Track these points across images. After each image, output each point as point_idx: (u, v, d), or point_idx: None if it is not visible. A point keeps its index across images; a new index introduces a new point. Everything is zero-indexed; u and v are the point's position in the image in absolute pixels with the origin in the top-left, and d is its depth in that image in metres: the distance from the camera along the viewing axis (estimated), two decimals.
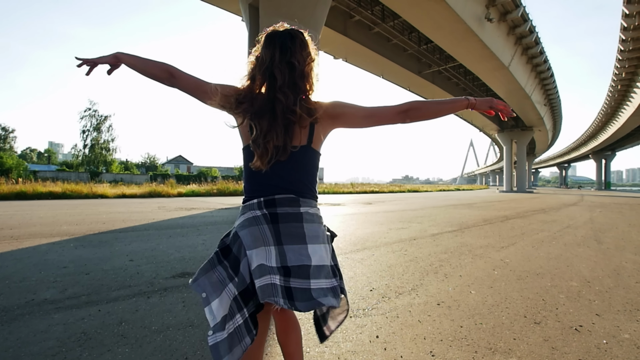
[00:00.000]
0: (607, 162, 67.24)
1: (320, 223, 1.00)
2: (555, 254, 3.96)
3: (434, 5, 16.28)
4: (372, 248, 4.07)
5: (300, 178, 0.98)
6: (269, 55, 0.98)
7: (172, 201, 13.91)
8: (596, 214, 9.48)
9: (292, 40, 0.99)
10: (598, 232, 5.83)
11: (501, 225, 6.59)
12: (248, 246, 0.90)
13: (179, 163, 67.66)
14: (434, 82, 29.16)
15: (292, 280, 0.87)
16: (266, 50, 0.99)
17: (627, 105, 33.23)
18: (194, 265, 3.11)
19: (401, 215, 8.61)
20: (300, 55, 0.99)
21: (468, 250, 4.06)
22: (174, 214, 8.33)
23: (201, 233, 5.15)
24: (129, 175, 43.77)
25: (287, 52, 0.97)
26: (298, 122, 0.96)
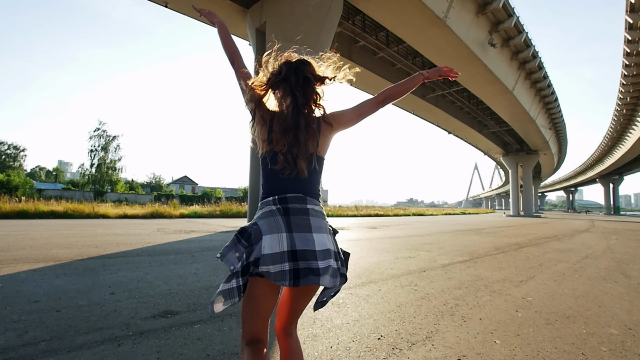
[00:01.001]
0: (615, 186, 66.24)
1: (323, 218, 1.17)
2: (582, 290, 3.57)
3: (438, 31, 16.51)
4: (379, 282, 3.72)
5: (308, 181, 1.17)
6: (286, 76, 1.17)
7: (173, 222, 13.63)
8: (612, 242, 9.01)
9: (305, 64, 1.21)
10: (621, 264, 5.41)
11: (515, 255, 6.18)
12: (265, 232, 1.06)
13: (184, 183, 67.82)
14: (438, 106, 29.29)
15: (300, 263, 1.03)
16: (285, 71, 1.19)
17: (634, 129, 33.02)
18: (179, 302, 2.79)
19: (408, 241, 8.22)
20: (311, 75, 1.20)
21: (484, 285, 3.69)
22: (171, 237, 8.03)
23: (195, 260, 4.83)
24: (134, 195, 43.85)
25: (301, 75, 1.18)
26: (313, 136, 1.17)
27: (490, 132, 38.60)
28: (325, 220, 1.17)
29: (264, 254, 1.02)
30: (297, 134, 1.13)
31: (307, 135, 1.15)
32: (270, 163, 1.16)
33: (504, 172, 76.68)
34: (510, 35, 20.37)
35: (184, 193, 53.11)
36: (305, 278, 1.02)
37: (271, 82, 1.18)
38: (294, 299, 1.16)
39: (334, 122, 1.23)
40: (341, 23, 17.97)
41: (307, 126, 1.16)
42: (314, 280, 1.02)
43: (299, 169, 1.14)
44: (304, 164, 1.14)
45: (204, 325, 2.28)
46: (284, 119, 1.15)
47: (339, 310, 2.68)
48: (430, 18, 15.41)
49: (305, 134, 1.15)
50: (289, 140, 1.13)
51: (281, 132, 1.14)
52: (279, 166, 1.13)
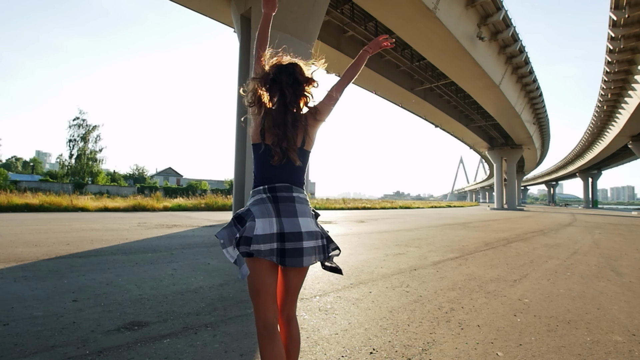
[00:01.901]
0: (593, 180, 68.36)
1: (307, 204, 1.30)
2: (577, 290, 3.46)
3: (427, 22, 16.29)
4: (369, 283, 3.51)
5: (294, 172, 1.29)
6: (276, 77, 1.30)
7: (155, 216, 13.16)
8: (597, 237, 9.12)
9: (294, 66, 1.33)
10: (610, 260, 5.39)
11: (505, 251, 6.11)
12: (257, 216, 1.20)
13: (169, 175, 66.34)
14: (426, 99, 29.27)
15: (287, 244, 1.18)
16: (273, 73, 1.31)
17: (613, 125, 33.86)
18: (150, 311, 2.50)
19: (396, 236, 8.08)
20: (300, 76, 1.32)
21: (478, 285, 3.54)
22: (152, 232, 7.66)
23: (174, 259, 4.53)
24: (116, 187, 42.61)
25: (290, 76, 1.30)
26: (300, 131, 1.29)
27: (477, 126, 38.99)
28: (309, 206, 1.32)
29: (257, 234, 1.16)
30: (285, 130, 1.25)
31: (294, 131, 1.27)
32: (261, 155, 1.29)
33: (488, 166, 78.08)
34: (499, 29, 20.36)
35: (168, 185, 51.98)
36: (291, 259, 1.18)
37: (263, 82, 1.30)
38: (287, 277, 1.30)
39: (318, 116, 1.36)
40: (330, 12, 17.54)
41: (294, 122, 1.28)
42: (298, 262, 1.20)
43: (286, 161, 1.26)
44: (291, 156, 1.26)
45: (174, 340, 2.02)
46: (274, 115, 1.28)
47: (327, 318, 2.46)
48: (420, 9, 15.16)
49: (293, 129, 1.27)
50: (277, 135, 1.25)
51: (271, 127, 1.26)
52: (269, 158, 1.26)
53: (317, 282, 3.45)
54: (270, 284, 1.22)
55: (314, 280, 3.52)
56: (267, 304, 1.20)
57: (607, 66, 23.71)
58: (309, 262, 1.22)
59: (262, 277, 1.20)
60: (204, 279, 3.47)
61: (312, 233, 1.24)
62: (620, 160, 54.82)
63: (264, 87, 1.30)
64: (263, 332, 1.18)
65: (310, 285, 3.31)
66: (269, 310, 1.20)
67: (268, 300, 1.21)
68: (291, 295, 1.31)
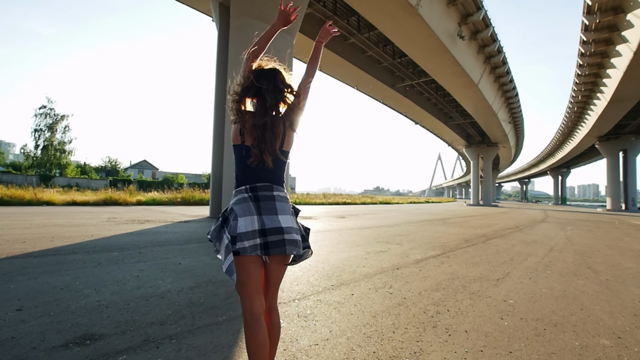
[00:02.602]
0: (563, 178, 71.65)
1: (287, 202, 1.40)
2: (559, 289, 3.44)
3: (410, 19, 16.27)
4: (351, 284, 3.35)
5: (274, 172, 1.37)
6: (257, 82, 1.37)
7: (127, 211, 12.53)
8: (569, 233, 9.41)
9: (276, 72, 1.41)
10: (585, 257, 5.50)
11: (485, 248, 6.13)
12: (239, 214, 1.29)
13: (143, 168, 64.06)
14: (407, 96, 29.50)
15: (269, 237, 1.28)
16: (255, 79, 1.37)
17: (582, 126, 35.42)
18: (107, 320, 2.22)
19: (377, 233, 8.00)
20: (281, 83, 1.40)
21: (462, 285, 3.45)
22: (121, 228, 7.21)
23: (142, 259, 4.20)
24: (86, 180, 40.64)
25: (271, 82, 1.38)
26: (279, 134, 1.36)
27: (455, 124, 39.80)
28: (289, 203, 1.40)
29: (240, 232, 1.25)
30: (264, 133, 1.31)
31: (272, 133, 1.32)
32: (242, 156, 1.34)
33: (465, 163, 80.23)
34: (478, 29, 20.67)
35: (142, 178, 50.13)
36: (275, 249, 1.28)
37: (245, 87, 1.36)
38: (269, 269, 1.38)
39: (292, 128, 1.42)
40: (312, 4, 17.21)
41: (273, 125, 1.33)
42: (281, 250, 1.29)
43: (266, 162, 1.32)
44: (269, 158, 1.32)
45: (131, 357, 1.76)
46: (254, 118, 1.33)
47: (306, 326, 2.27)
48: (403, 5, 15.10)
49: (271, 132, 1.32)
50: (257, 137, 1.30)
51: (251, 130, 1.31)
52: (249, 159, 1.32)
53: (295, 284, 3.25)
54: (255, 275, 1.29)
55: (292, 282, 3.32)
56: (253, 295, 1.27)
57: (578, 69, 24.63)
58: (291, 251, 1.32)
59: (247, 270, 1.28)
60: (172, 281, 3.19)
61: (290, 228, 1.33)
62: (588, 159, 57.66)
63: (245, 91, 1.37)
64: (250, 321, 1.24)
65: (288, 288, 3.11)
66: (254, 301, 1.27)
67: (254, 291, 1.28)
68: (272, 287, 1.40)
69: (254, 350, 1.21)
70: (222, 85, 12.72)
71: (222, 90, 12.61)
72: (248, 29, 11.45)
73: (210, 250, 4.87)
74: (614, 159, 37.60)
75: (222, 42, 12.77)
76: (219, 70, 12.84)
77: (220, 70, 12.78)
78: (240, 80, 1.37)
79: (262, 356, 1.22)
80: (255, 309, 1.26)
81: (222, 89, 12.68)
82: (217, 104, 12.76)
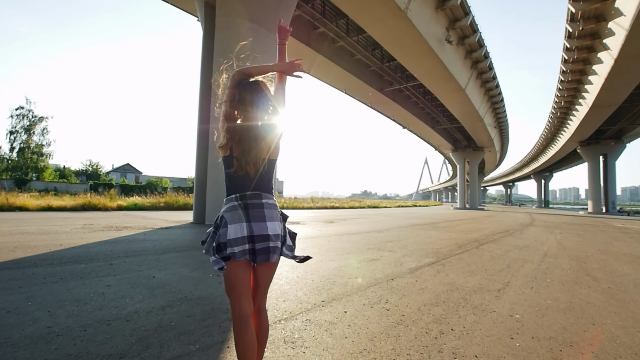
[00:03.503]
0: (546, 182, 73.36)
1: (275, 209, 1.44)
2: (564, 300, 3.22)
3: (398, 22, 16.24)
4: (343, 298, 3.04)
5: (262, 181, 1.42)
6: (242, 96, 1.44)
7: (106, 216, 11.93)
8: (559, 237, 9.36)
9: (259, 84, 1.47)
10: (581, 263, 5.35)
11: (479, 254, 5.93)
12: (229, 222, 1.35)
13: (127, 172, 62.44)
14: (395, 100, 29.59)
15: (256, 244, 1.34)
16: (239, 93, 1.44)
17: (565, 131, 36.28)
18: (54, 354, 1.83)
19: (368, 239, 7.73)
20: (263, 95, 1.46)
21: (462, 298, 3.19)
22: (95, 236, 6.73)
23: (112, 272, 3.79)
24: (65, 184, 39.15)
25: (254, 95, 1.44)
26: (264, 144, 1.42)
27: (442, 128, 40.19)
28: (277, 210, 1.45)
29: (229, 239, 1.34)
30: (250, 144, 1.40)
31: (258, 144, 1.40)
32: (230, 167, 1.42)
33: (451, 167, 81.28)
34: (466, 34, 20.86)
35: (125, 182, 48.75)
36: (262, 256, 1.36)
37: (231, 101, 1.44)
38: (258, 273, 1.44)
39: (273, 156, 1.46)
40: (301, 6, 17.01)
41: (258, 136, 1.41)
42: (264, 258, 1.37)
43: (253, 172, 1.40)
44: (256, 167, 1.40)
45: None
46: (240, 130, 1.42)
47: (294, 355, 1.95)
48: (392, 8, 15.04)
49: (257, 143, 1.40)
50: (243, 148, 1.39)
51: (237, 142, 1.40)
52: (236, 170, 1.40)
53: (282, 300, 2.93)
54: (244, 278, 1.35)
55: (278, 298, 2.99)
56: (242, 296, 1.33)
57: (561, 75, 25.17)
58: (276, 259, 1.39)
59: (236, 273, 1.34)
60: (142, 298, 2.82)
61: (278, 235, 1.39)
62: (570, 163, 59.18)
63: (231, 103, 1.43)
64: (239, 322, 1.29)
65: (274, 305, 2.79)
66: (243, 303, 1.32)
67: (242, 293, 1.33)
68: (261, 290, 1.45)
69: (242, 350, 1.27)
70: (206, 86, 12.31)
71: (207, 91, 12.20)
72: (234, 28, 11.12)
73: (190, 261, 4.50)
74: (595, 163, 38.61)
75: (208, 42, 12.39)
76: (204, 71, 12.43)
77: (205, 71, 12.37)
78: (226, 95, 1.45)
79: (251, 355, 1.27)
80: (243, 311, 1.31)
81: (206, 89, 12.28)
82: (201, 104, 12.34)
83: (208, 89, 12.18)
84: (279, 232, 1.40)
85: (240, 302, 1.31)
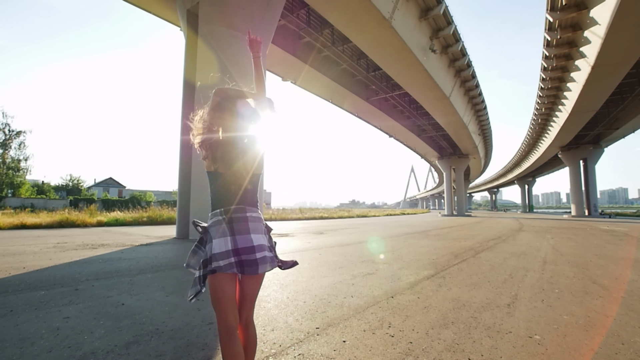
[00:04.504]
0: (529, 187, 74.96)
1: (260, 222, 1.45)
2: (581, 315, 2.94)
3: (383, 32, 16.30)
4: (340, 324, 2.67)
5: (246, 195, 1.44)
6: (223, 113, 1.46)
7: (83, 233, 11.22)
8: (552, 242, 9.24)
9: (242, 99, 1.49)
10: (583, 270, 5.14)
11: (478, 264, 5.66)
12: (214, 236, 1.37)
13: (109, 186, 60.62)
14: (381, 109, 29.74)
15: (242, 256, 1.34)
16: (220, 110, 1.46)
17: (546, 136, 37.17)
18: None
19: (360, 250, 7.39)
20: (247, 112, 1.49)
21: (472, 316, 2.88)
22: (66, 256, 6.17)
23: (75, 299, 3.32)
24: (43, 200, 37.59)
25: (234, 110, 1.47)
26: (248, 158, 1.46)
27: (428, 136, 40.62)
28: (262, 223, 1.47)
29: (214, 253, 1.34)
30: (233, 159, 1.42)
31: (240, 159, 1.43)
32: (215, 181, 1.44)
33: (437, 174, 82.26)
34: (449, 43, 21.18)
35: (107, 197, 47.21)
36: (248, 267, 1.35)
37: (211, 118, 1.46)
38: (245, 285, 1.45)
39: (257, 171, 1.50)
40: (286, 15, 16.93)
41: (240, 152, 1.44)
42: (253, 270, 1.37)
43: (237, 187, 1.42)
44: (240, 182, 1.42)
45: None
46: (224, 146, 1.42)
47: None
48: (376, 17, 15.09)
49: (241, 157, 1.43)
50: (227, 164, 1.41)
51: (222, 157, 1.42)
52: (221, 185, 1.42)
53: (270, 329, 2.53)
54: (229, 292, 1.38)
55: (266, 325, 2.60)
56: (228, 309, 1.35)
57: (542, 82, 25.82)
58: (263, 270, 1.40)
59: (221, 287, 1.36)
60: (105, 333, 2.39)
61: (264, 247, 1.41)
62: (552, 168, 60.68)
63: (214, 120, 1.45)
64: (225, 333, 1.32)
65: (261, 335, 2.39)
66: (229, 315, 1.35)
67: (228, 305, 1.35)
68: (249, 302, 1.46)
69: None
70: (189, 96, 11.91)
71: (190, 100, 11.80)
72: (217, 37, 10.84)
73: (167, 283, 4.05)
74: (576, 168, 39.60)
75: (190, 51, 12.06)
76: (187, 81, 12.05)
77: (188, 80, 12.00)
78: (207, 113, 1.46)
79: None
80: (229, 323, 1.33)
81: (189, 99, 11.87)
82: (184, 114, 11.91)
83: (191, 99, 11.79)
84: (264, 243, 1.42)
85: (227, 314, 1.33)
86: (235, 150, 1.42)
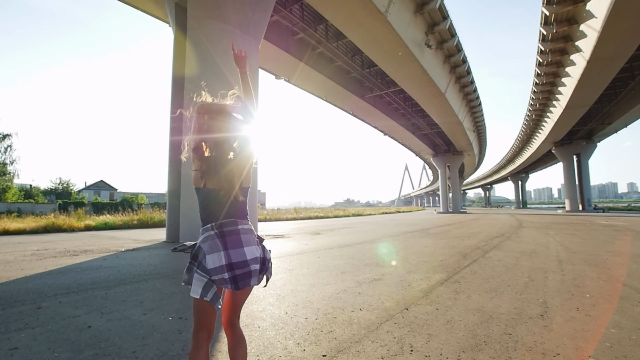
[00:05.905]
0: (522, 183, 75.36)
1: (252, 234, 1.45)
2: (630, 328, 2.52)
3: (379, 26, 15.90)
4: (351, 349, 2.20)
5: (236, 208, 1.43)
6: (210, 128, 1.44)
7: (68, 239, 10.60)
8: (558, 238, 8.90)
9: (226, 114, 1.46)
10: (605, 269, 4.76)
11: (490, 265, 5.24)
12: (207, 252, 1.35)
13: (100, 189, 59.42)
14: (376, 107, 29.37)
15: (236, 271, 1.33)
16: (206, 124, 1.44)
17: (540, 132, 37.18)
18: None
19: (361, 252, 6.94)
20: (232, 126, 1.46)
21: (505, 332, 2.44)
22: (41, 265, 5.62)
23: (32, 322, 2.79)
24: (31, 205, 36.58)
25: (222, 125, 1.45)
26: (237, 173, 1.43)
27: (423, 133, 40.37)
28: (254, 234, 1.47)
29: (209, 269, 1.33)
30: (222, 174, 1.40)
31: (231, 173, 1.40)
32: (204, 197, 1.42)
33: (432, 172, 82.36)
34: (444, 38, 20.85)
35: (98, 200, 46.18)
36: (243, 281, 1.35)
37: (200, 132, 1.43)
38: (234, 295, 1.46)
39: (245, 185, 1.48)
40: (279, 10, 16.41)
41: (231, 166, 1.42)
42: (246, 283, 1.37)
43: (226, 202, 1.40)
44: (230, 196, 1.40)
45: None
46: (212, 162, 1.41)
47: None
48: (372, 11, 14.67)
49: (229, 173, 1.40)
50: (217, 179, 1.39)
51: (210, 173, 1.40)
52: (210, 200, 1.40)
53: (266, 359, 2.06)
54: (211, 319, 1.37)
55: (261, 354, 2.12)
56: (204, 322, 1.35)
57: (536, 78, 25.67)
58: (255, 282, 1.41)
59: (207, 313, 1.35)
60: None
61: (257, 259, 1.41)
62: (545, 164, 60.97)
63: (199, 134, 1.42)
64: (194, 343, 1.33)
65: None
66: (203, 328, 1.36)
67: (207, 320, 1.36)
68: (235, 310, 1.48)
69: None
70: (178, 92, 11.35)
71: (179, 97, 11.24)
72: (207, 30, 10.31)
73: (147, 296, 3.54)
74: (569, 163, 39.68)
75: (179, 46, 11.48)
76: (176, 77, 11.48)
77: (177, 77, 11.43)
78: (193, 127, 1.44)
79: None
80: (201, 336, 1.34)
81: (178, 98, 11.31)
82: (173, 110, 11.35)
83: (180, 96, 11.22)
84: (257, 255, 1.42)
85: (202, 327, 1.35)
86: (222, 164, 1.41)
